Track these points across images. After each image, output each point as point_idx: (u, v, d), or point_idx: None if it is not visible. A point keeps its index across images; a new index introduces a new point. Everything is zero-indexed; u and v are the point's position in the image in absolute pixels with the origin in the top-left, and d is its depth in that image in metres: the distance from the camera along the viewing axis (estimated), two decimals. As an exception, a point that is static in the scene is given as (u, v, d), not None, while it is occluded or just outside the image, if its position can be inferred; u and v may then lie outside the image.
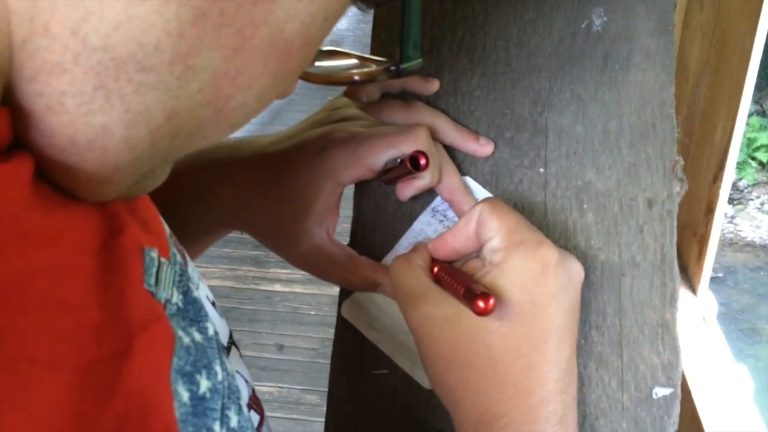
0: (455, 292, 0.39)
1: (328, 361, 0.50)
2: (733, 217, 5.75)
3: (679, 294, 0.46)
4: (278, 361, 2.90)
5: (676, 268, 0.47)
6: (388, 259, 0.50)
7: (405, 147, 0.46)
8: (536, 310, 0.39)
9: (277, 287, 3.32)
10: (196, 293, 0.32)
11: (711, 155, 1.65)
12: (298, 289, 3.28)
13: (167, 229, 0.33)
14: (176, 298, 0.29)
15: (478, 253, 0.44)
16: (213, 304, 0.39)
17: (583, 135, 0.50)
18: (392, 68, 0.42)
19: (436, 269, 0.43)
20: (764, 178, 6.57)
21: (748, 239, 5.99)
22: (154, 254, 0.28)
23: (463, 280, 0.39)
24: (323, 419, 0.50)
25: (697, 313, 1.58)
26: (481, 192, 0.50)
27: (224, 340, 0.40)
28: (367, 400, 0.48)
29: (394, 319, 0.48)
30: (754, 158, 6.18)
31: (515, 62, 0.52)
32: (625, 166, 0.49)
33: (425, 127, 0.47)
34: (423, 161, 0.44)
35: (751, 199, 6.40)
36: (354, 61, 0.44)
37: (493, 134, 0.51)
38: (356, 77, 0.43)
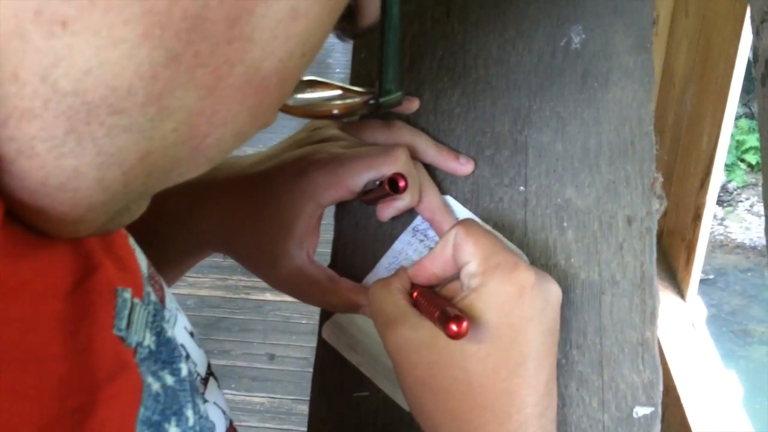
0: (431, 316, 0.39)
1: None
2: (723, 219, 5.78)
3: (658, 312, 0.46)
4: (269, 371, 2.89)
5: (655, 285, 0.47)
6: (369, 279, 0.50)
7: (385, 168, 0.45)
8: (514, 333, 0.38)
9: (268, 296, 3.31)
10: (170, 333, 0.32)
11: (698, 161, 1.66)
12: (289, 298, 3.22)
13: (144, 268, 0.33)
14: (148, 340, 0.29)
15: (458, 276, 0.44)
16: (191, 335, 0.39)
17: (563, 153, 0.50)
18: (372, 101, 0.42)
19: (415, 294, 0.43)
20: (753, 180, 6.62)
21: (738, 241, 6.03)
22: (128, 295, 0.28)
23: (438, 304, 0.39)
24: None
25: (685, 319, 1.58)
26: (461, 211, 0.50)
27: (202, 371, 0.40)
28: (348, 423, 0.48)
29: (376, 341, 0.48)
30: (743, 160, 6.22)
31: (495, 80, 0.52)
32: (604, 183, 0.49)
33: (405, 147, 0.47)
34: (402, 183, 0.44)
35: (741, 201, 6.44)
36: (335, 92, 0.44)
37: (473, 152, 0.51)
38: (335, 111, 0.43)
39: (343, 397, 0.48)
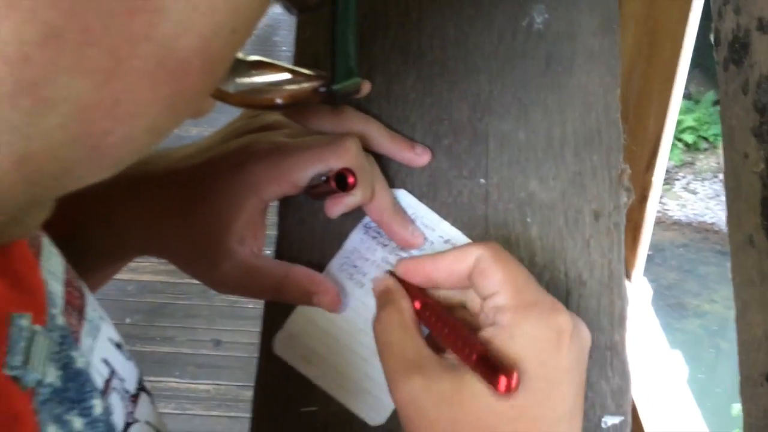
0: (459, 352, 0.33)
1: None
2: (660, 197, 5.94)
3: (627, 313, 0.43)
4: (215, 357, 2.82)
5: (624, 285, 0.44)
6: (318, 282, 0.46)
7: (333, 161, 0.41)
8: (549, 389, 0.33)
9: (213, 280, 3.22)
10: (80, 363, 0.27)
11: (644, 143, 1.67)
12: (235, 281, 3.18)
13: (59, 273, 0.28)
14: (52, 376, 0.24)
15: (462, 293, 0.39)
16: (119, 346, 0.34)
17: (526, 142, 0.47)
18: (322, 89, 0.36)
19: (417, 304, 0.38)
20: (689, 159, 6.83)
21: (675, 218, 6.23)
22: (25, 322, 0.23)
23: (469, 340, 0.33)
24: None
25: (632, 300, 1.60)
26: (417, 206, 0.46)
27: (131, 387, 0.35)
28: (296, 440, 0.44)
29: (333, 350, 0.44)
30: (680, 139, 6.41)
31: (452, 63, 0.48)
32: (569, 175, 0.46)
33: (355, 138, 0.42)
34: (351, 180, 0.39)
35: (677, 179, 6.65)
36: (284, 75, 0.38)
37: (430, 142, 0.47)
38: (278, 100, 0.36)
39: (288, 413, 0.44)
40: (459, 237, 0.45)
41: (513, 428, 0.33)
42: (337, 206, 0.43)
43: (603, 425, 0.42)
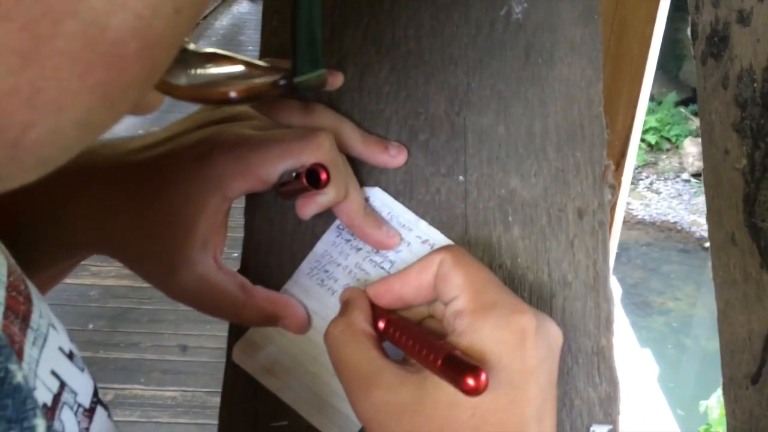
0: (424, 360, 0.31)
1: None
2: (626, 197, 6.03)
3: (614, 317, 0.42)
4: (182, 363, 2.76)
5: (610, 287, 0.42)
6: (289, 287, 0.43)
7: (305, 156, 0.38)
8: (513, 392, 0.32)
9: (179, 284, 3.15)
10: (20, 377, 0.23)
11: (613, 142, 1.67)
12: (201, 285, 3.12)
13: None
14: None
15: (428, 306, 0.37)
16: (70, 356, 0.31)
17: (506, 137, 0.44)
18: (282, 82, 0.33)
19: (382, 324, 0.36)
20: (652, 159, 6.94)
21: (639, 217, 6.33)
22: None
23: (432, 345, 0.31)
24: None
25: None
26: (392, 205, 0.44)
27: (85, 401, 0.32)
28: (266, 457, 0.41)
29: (298, 361, 0.41)
30: (643, 140, 6.52)
31: (428, 54, 0.45)
32: (552, 172, 0.44)
33: (329, 132, 0.39)
34: (323, 176, 0.37)
35: (641, 179, 6.76)
36: (240, 67, 0.34)
37: (405, 137, 0.45)
38: (232, 93, 0.33)
39: (258, 429, 0.41)
40: (437, 237, 0.43)
41: None
42: (309, 206, 0.40)
43: (591, 434, 0.40)
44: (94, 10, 0.16)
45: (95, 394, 0.37)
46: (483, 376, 0.28)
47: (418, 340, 0.33)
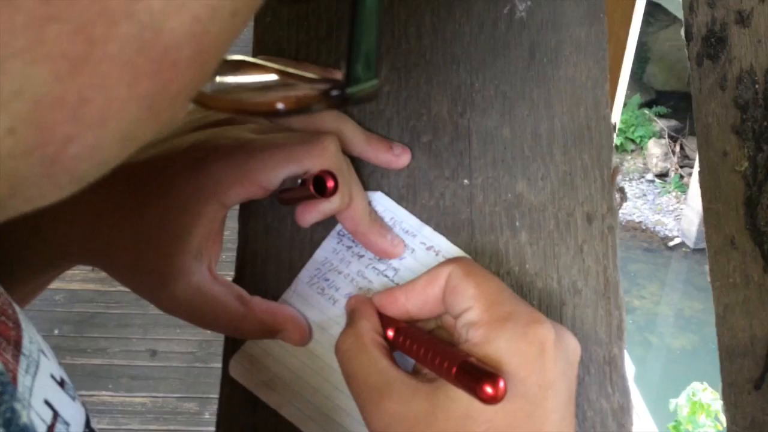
0: (437, 368, 0.30)
1: (206, 365, 0.39)
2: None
3: (625, 325, 0.40)
4: (152, 368, 2.70)
5: (621, 294, 0.41)
6: (288, 297, 0.40)
7: (308, 162, 0.36)
8: (530, 406, 0.30)
9: (148, 288, 3.08)
10: (24, 417, 0.21)
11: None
12: (171, 288, 3.06)
13: None
14: None
15: (436, 319, 0.35)
16: (61, 383, 0.29)
17: (511, 139, 0.43)
18: (334, 92, 0.28)
19: (391, 333, 0.34)
20: (617, 160, 7.05)
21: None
22: None
23: (448, 353, 0.30)
24: (204, 428, 0.39)
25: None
26: (395, 210, 0.42)
27: (78, 431, 0.29)
28: (266, 478, 0.38)
29: (299, 375, 0.39)
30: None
31: (430, 53, 0.44)
32: (559, 175, 0.42)
33: (334, 136, 0.37)
34: (330, 184, 0.35)
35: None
36: (272, 76, 0.31)
37: (408, 139, 0.43)
38: (280, 105, 0.28)
39: (257, 448, 0.38)
40: (443, 243, 0.41)
41: None
42: (311, 213, 0.38)
43: (605, 448, 0.39)
44: (152, 10, 0.14)
45: (87, 423, 0.35)
46: (501, 384, 0.27)
47: (430, 348, 0.32)
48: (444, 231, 0.42)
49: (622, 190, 0.42)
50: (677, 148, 6.88)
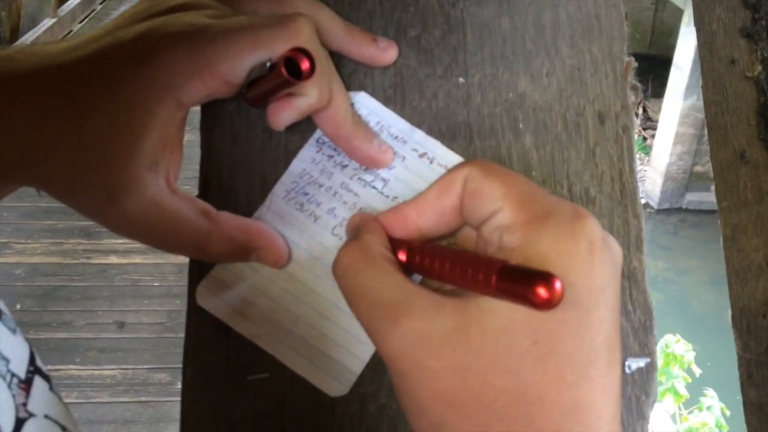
0: (470, 282, 0.25)
1: (176, 335, 0.34)
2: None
3: (644, 235, 0.36)
4: (119, 340, 2.62)
5: (639, 201, 0.36)
6: (261, 215, 0.35)
7: (280, 45, 0.30)
8: (582, 314, 0.25)
9: (113, 259, 2.99)
10: None
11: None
12: (137, 259, 2.97)
13: None
14: None
15: (452, 236, 0.30)
16: None
17: (511, 31, 0.38)
18: None
19: (403, 256, 0.29)
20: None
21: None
22: None
23: (482, 261, 0.25)
24: (176, 398, 0.34)
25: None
26: (381, 113, 0.36)
27: (20, 370, 0.27)
28: (241, 419, 0.33)
29: (277, 302, 0.34)
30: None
31: (415, -66, 0.38)
32: (566, 71, 0.37)
33: (309, 18, 0.32)
34: (305, 65, 0.29)
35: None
36: None
37: (393, 33, 0.37)
38: None
39: (230, 385, 0.33)
40: (437, 149, 0.36)
41: (542, 370, 0.25)
42: (285, 111, 0.32)
43: (627, 369, 0.34)
44: None
45: (32, 361, 0.30)
46: (557, 284, 0.22)
47: (458, 261, 0.26)
48: (438, 136, 0.36)
49: (636, 88, 0.38)
50: (640, 111, 6.92)
